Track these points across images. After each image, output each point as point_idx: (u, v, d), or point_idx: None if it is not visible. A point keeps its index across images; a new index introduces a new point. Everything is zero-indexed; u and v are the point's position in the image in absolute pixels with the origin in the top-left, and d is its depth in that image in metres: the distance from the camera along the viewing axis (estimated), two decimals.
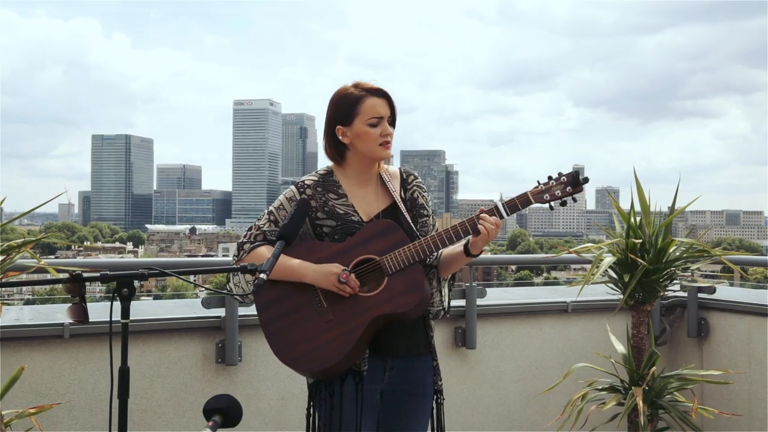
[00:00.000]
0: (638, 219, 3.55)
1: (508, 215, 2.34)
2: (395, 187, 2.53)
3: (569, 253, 3.84)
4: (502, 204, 2.34)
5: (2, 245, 2.60)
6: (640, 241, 3.45)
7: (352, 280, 2.31)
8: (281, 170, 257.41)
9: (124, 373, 2.00)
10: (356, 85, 2.45)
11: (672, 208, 3.59)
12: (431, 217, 2.56)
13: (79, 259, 3.75)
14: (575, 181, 2.33)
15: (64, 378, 3.40)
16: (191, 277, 2.30)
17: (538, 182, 2.37)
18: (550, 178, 2.35)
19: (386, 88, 2.44)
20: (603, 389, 3.61)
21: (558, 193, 2.33)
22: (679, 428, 3.48)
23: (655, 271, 3.46)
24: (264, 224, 2.44)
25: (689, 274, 3.71)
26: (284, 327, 2.36)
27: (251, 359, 3.73)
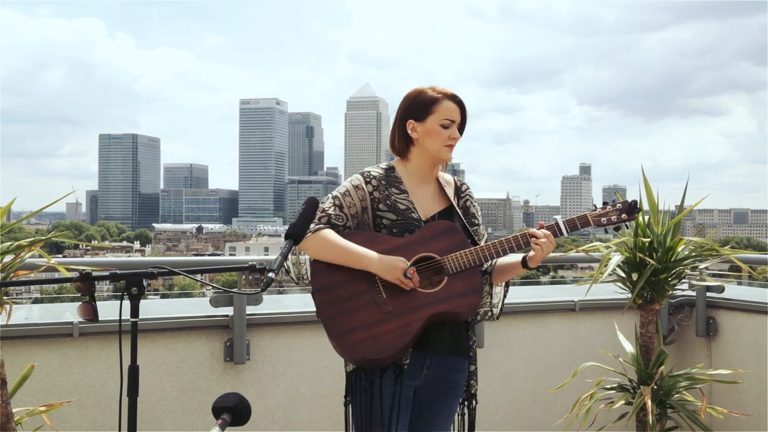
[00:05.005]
0: (647, 218, 3.54)
1: (568, 234, 2.45)
2: (450, 193, 2.60)
3: (577, 251, 3.83)
4: (563, 222, 2.44)
5: (12, 244, 2.61)
6: (649, 240, 3.44)
7: (416, 277, 2.36)
8: (288, 169, 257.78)
9: (134, 372, 2.01)
10: (433, 88, 2.53)
11: (680, 207, 3.58)
12: (481, 226, 2.63)
13: (87, 258, 3.77)
14: (630, 209, 2.47)
15: (74, 376, 3.42)
16: (203, 277, 2.29)
17: (595, 206, 2.49)
18: (605, 203, 2.49)
19: (460, 95, 2.52)
20: (611, 388, 3.60)
21: (614, 218, 2.46)
22: (688, 428, 3.46)
23: (664, 270, 3.45)
24: (329, 208, 2.45)
25: (698, 273, 3.70)
26: (341, 312, 2.36)
27: (259, 358, 3.73)
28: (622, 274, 3.56)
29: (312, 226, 2.40)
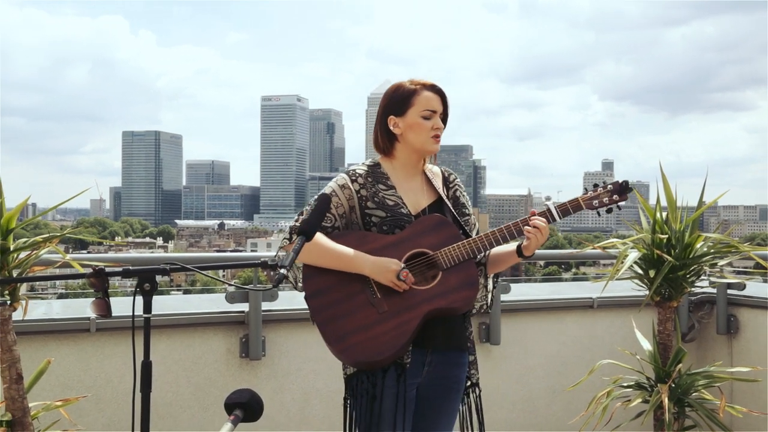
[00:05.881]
0: (664, 214, 3.50)
1: (560, 219, 2.42)
2: (438, 184, 2.57)
3: (594, 248, 3.79)
4: (555, 208, 2.41)
5: (27, 240, 2.64)
6: (666, 236, 3.40)
7: (410, 278, 2.33)
8: (309, 165, 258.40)
9: (147, 367, 2.01)
10: (411, 81, 2.50)
11: (699, 203, 3.54)
12: (472, 216, 2.60)
13: (109, 255, 3.81)
14: (621, 190, 2.43)
15: (91, 371, 3.45)
16: (220, 273, 2.30)
17: (586, 189, 2.46)
18: (596, 185, 2.45)
19: (441, 85, 2.49)
20: (628, 386, 3.56)
21: (606, 200, 2.43)
22: (707, 427, 3.42)
23: (682, 267, 3.40)
24: None
25: (718, 270, 3.65)
26: (336, 316, 2.34)
27: (275, 354, 3.74)
28: (640, 271, 3.52)
29: None
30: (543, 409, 4.36)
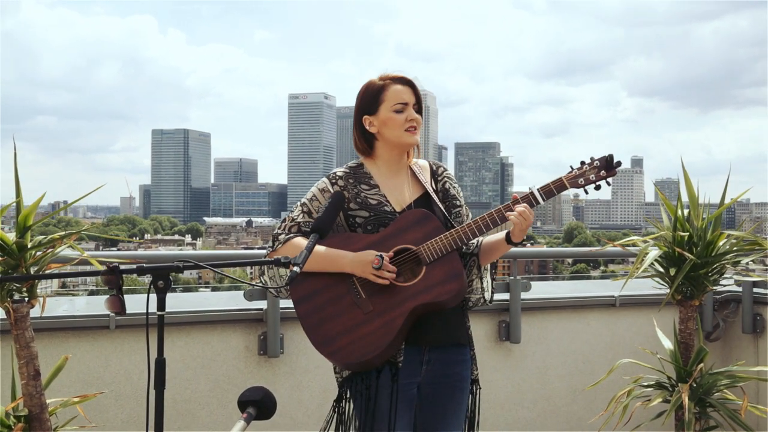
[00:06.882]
0: (686, 211, 3.44)
1: (544, 201, 2.36)
2: (426, 178, 2.54)
3: (614, 246, 3.74)
4: (538, 190, 2.35)
5: (45, 237, 2.66)
6: (687, 234, 3.34)
7: (387, 265, 2.30)
8: (336, 163, 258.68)
9: (160, 365, 2.02)
10: (380, 76, 2.48)
11: (722, 200, 3.47)
12: (464, 207, 2.55)
13: (126, 252, 3.86)
14: (608, 165, 2.36)
15: (111, 368, 3.48)
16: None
17: (572, 167, 2.39)
18: (582, 163, 2.38)
19: (410, 76, 2.47)
20: (648, 386, 3.51)
21: (592, 177, 2.36)
22: (730, 427, 3.36)
23: (704, 265, 3.34)
24: (298, 216, 2.44)
25: (743, 267, 3.58)
26: (322, 320, 2.34)
27: (293, 351, 3.75)
28: (661, 270, 3.46)
29: (282, 236, 2.40)
30: (563, 408, 4.32)
